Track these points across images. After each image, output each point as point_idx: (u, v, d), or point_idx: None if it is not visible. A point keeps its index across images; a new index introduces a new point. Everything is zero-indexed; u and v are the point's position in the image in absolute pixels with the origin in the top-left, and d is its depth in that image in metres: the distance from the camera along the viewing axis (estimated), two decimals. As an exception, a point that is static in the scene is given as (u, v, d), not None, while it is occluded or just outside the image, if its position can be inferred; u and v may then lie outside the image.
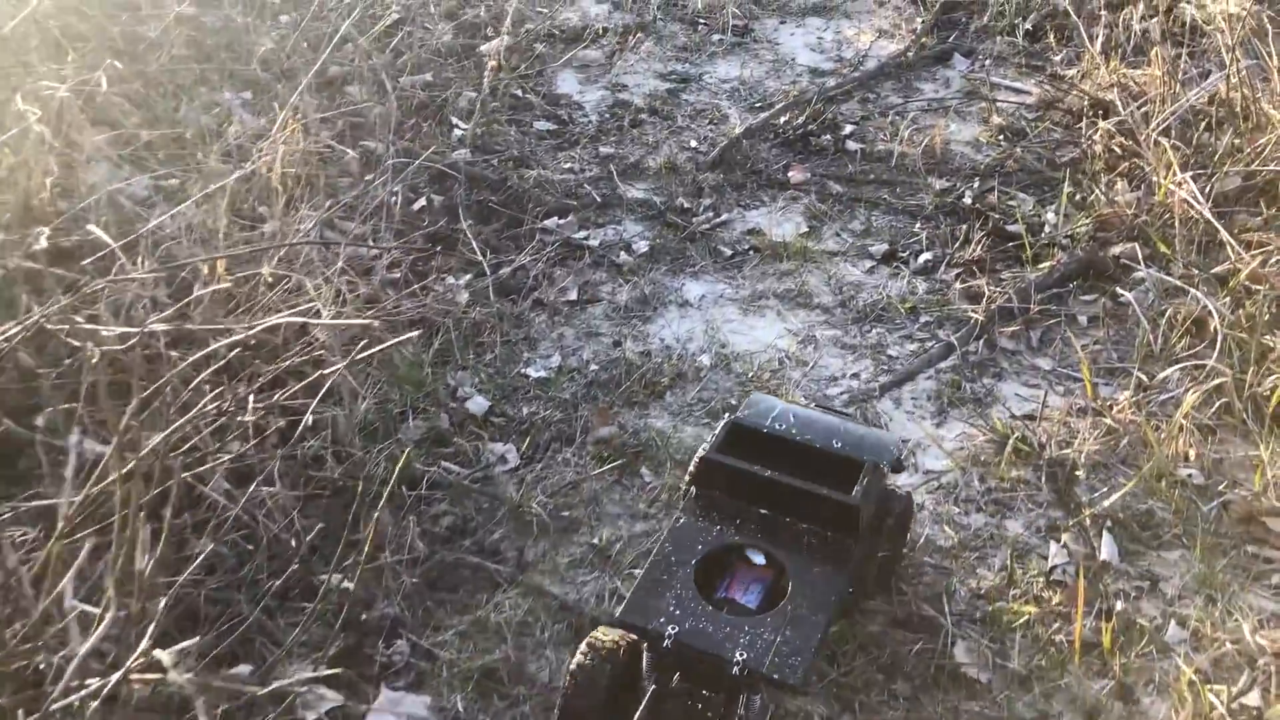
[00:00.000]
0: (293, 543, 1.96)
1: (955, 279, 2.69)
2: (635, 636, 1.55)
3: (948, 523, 2.08)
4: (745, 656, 1.46)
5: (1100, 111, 3.15)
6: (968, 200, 2.92)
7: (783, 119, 3.29)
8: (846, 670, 1.79)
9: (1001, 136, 3.20)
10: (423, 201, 2.90)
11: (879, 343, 2.52)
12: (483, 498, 2.11)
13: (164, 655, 1.40)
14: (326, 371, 2.15)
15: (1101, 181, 2.87)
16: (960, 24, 3.79)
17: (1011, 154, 3.10)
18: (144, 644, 1.43)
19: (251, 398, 2.02)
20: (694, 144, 3.23)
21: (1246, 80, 2.93)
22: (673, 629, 1.49)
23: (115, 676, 1.41)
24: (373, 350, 1.86)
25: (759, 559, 1.62)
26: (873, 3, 3.99)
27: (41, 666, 1.50)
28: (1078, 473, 2.15)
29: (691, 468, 1.74)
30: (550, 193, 2.97)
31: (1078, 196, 2.88)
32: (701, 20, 3.90)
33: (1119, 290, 2.56)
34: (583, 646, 1.56)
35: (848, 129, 3.27)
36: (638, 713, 1.48)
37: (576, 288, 2.67)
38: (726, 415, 1.79)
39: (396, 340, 1.94)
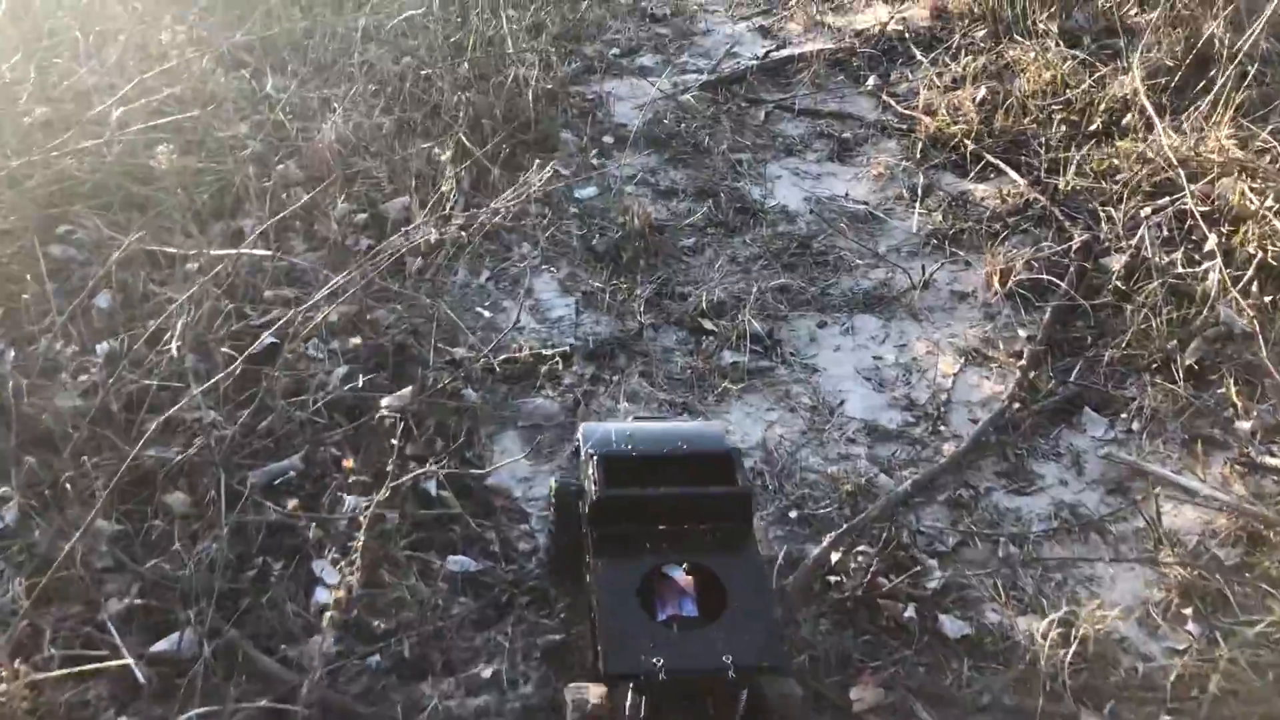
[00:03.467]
0: None
1: None
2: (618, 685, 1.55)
3: None
4: (732, 660, 1.50)
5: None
6: (1166, 793, 1.71)
7: (834, 555, 2.11)
8: None
9: (1189, 607, 1.99)
10: (237, 782, 1.71)
11: None
12: None
13: None
14: None
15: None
16: (1083, 347, 2.61)
17: (1215, 652, 1.89)
18: None
19: None
20: (696, 611, 2.04)
21: None
22: (658, 662, 1.50)
23: None
24: None
25: (675, 572, 1.65)
26: (948, 296, 2.83)
27: None
28: None
29: (588, 510, 1.69)
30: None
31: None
32: (707, 325, 2.73)
33: None
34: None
35: (935, 578, 2.07)
36: None
37: None
38: (592, 454, 1.73)
39: None
